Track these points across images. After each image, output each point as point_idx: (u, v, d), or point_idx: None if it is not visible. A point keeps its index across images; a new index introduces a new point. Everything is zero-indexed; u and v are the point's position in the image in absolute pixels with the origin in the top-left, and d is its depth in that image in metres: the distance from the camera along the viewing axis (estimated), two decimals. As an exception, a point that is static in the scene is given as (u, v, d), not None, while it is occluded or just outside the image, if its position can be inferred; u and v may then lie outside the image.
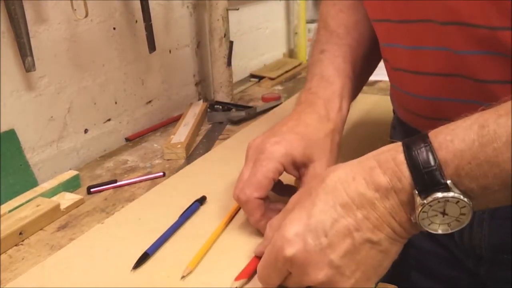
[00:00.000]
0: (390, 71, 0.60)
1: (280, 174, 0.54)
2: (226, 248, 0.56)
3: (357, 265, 0.39)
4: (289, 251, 0.39)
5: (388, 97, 0.73)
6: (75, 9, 0.79)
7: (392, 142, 0.42)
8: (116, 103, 0.93)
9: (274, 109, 1.04)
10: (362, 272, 0.40)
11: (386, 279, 0.52)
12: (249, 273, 0.50)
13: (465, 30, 0.46)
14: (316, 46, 0.65)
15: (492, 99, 0.48)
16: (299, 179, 0.56)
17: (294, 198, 0.45)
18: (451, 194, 0.36)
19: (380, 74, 1.23)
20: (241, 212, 0.63)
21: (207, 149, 0.86)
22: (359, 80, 0.65)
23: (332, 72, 0.60)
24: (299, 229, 0.39)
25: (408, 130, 0.63)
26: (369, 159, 0.41)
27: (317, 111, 0.58)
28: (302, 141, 0.54)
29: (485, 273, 0.60)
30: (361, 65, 0.64)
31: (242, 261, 0.52)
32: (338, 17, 0.65)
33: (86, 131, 0.88)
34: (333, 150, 0.56)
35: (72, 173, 0.74)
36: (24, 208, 0.64)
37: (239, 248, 0.55)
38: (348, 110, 0.61)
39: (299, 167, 0.55)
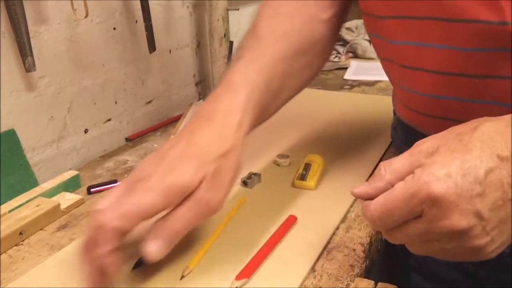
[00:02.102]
0: (393, 69, 0.60)
1: (157, 213, 0.46)
2: (226, 248, 0.56)
3: (498, 222, 0.37)
4: (438, 188, 0.36)
5: (388, 97, 0.73)
6: (75, 9, 0.79)
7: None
8: (116, 103, 0.93)
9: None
10: (500, 232, 0.38)
11: (386, 279, 0.52)
12: (249, 273, 0.50)
13: (472, 27, 0.46)
14: (238, 50, 0.59)
15: (496, 97, 0.48)
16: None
17: (427, 142, 0.41)
18: None
19: (380, 74, 1.23)
20: (241, 212, 0.63)
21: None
22: (274, 96, 0.58)
23: (241, 81, 0.53)
24: (451, 170, 0.37)
25: (409, 130, 0.63)
26: None
27: (212, 128, 0.50)
28: (193, 165, 0.47)
29: (485, 275, 0.60)
30: (280, 81, 0.58)
31: (242, 261, 0.52)
32: (269, 23, 0.60)
33: (86, 131, 0.88)
34: (227, 177, 0.49)
35: (72, 173, 0.74)
36: (24, 208, 0.64)
37: (239, 248, 0.55)
38: (250, 127, 0.53)
39: (181, 195, 0.47)
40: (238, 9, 1.16)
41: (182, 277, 0.51)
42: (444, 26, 0.48)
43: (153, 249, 0.46)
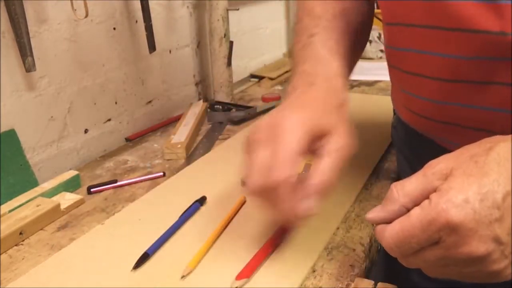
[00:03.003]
0: (395, 73, 0.61)
1: (307, 147, 0.46)
2: (226, 248, 0.56)
3: None
4: (457, 215, 0.35)
5: (388, 97, 0.73)
6: (75, 9, 0.79)
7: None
8: (116, 103, 0.93)
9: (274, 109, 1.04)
10: (502, 249, 0.37)
11: (386, 279, 0.52)
12: (250, 272, 0.50)
13: (473, 37, 0.46)
14: (302, 32, 0.60)
15: (496, 103, 0.48)
16: (312, 153, 0.48)
17: (441, 163, 0.40)
18: None
19: (380, 74, 1.23)
20: (241, 212, 0.63)
21: (207, 149, 0.86)
22: (349, 68, 0.62)
23: (327, 54, 0.56)
24: (469, 196, 0.36)
25: (409, 130, 0.63)
26: None
27: (321, 87, 0.52)
28: (316, 112, 0.48)
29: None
30: (351, 53, 0.61)
31: (242, 261, 0.52)
32: (324, 4, 0.61)
33: (86, 131, 0.88)
34: (347, 122, 0.51)
35: (72, 173, 0.74)
36: (25, 208, 0.64)
37: (239, 248, 0.55)
38: (347, 91, 0.56)
39: (314, 140, 0.48)
40: (238, 9, 1.16)
41: (182, 276, 0.51)
42: (446, 35, 0.48)
43: (315, 205, 0.47)
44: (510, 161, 0.37)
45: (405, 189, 0.40)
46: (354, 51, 0.63)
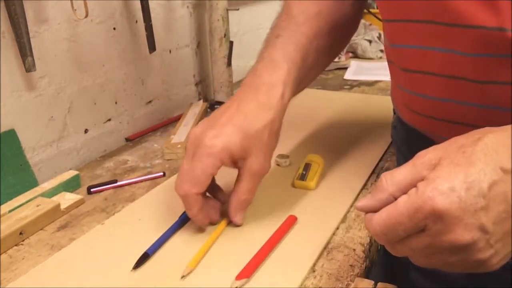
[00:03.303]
0: (396, 71, 0.61)
1: (218, 169, 0.55)
2: (226, 248, 0.56)
3: (503, 235, 0.37)
4: (442, 203, 0.36)
5: (388, 97, 0.73)
6: (75, 9, 0.79)
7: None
8: (116, 103, 0.93)
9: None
10: (504, 244, 0.38)
11: (386, 279, 0.52)
12: (250, 272, 0.50)
13: (471, 33, 0.46)
14: (273, 30, 0.65)
15: (497, 102, 0.48)
16: (238, 170, 0.58)
17: (429, 153, 0.40)
18: None
19: (380, 74, 1.23)
20: (241, 212, 0.63)
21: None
22: (309, 71, 0.65)
23: (280, 58, 0.60)
24: (455, 184, 0.36)
25: (410, 130, 0.63)
26: None
27: (258, 98, 0.58)
28: (240, 133, 0.55)
29: (484, 274, 0.59)
30: (314, 57, 0.64)
31: (242, 261, 0.52)
32: (301, 4, 0.64)
33: (86, 131, 0.88)
34: (270, 143, 0.58)
35: (72, 173, 0.74)
36: (25, 208, 0.64)
37: (239, 248, 0.55)
38: (289, 98, 0.61)
39: (236, 160, 0.56)
40: (238, 9, 1.16)
41: (182, 277, 0.51)
42: (445, 30, 0.48)
43: (240, 218, 0.59)
44: (497, 151, 0.37)
45: (394, 178, 0.40)
46: (322, 55, 0.66)
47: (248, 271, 0.50)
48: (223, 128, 0.55)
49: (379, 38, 1.42)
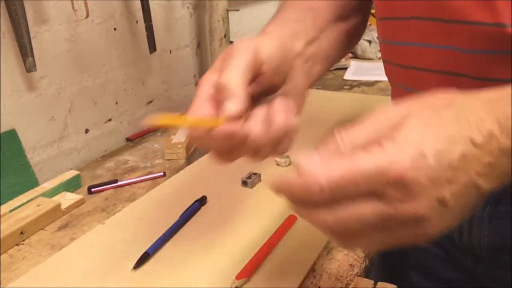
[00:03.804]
0: (393, 70, 0.61)
1: (258, 68, 0.45)
2: (226, 248, 0.56)
3: (455, 209, 0.34)
4: (411, 170, 0.32)
5: (388, 97, 0.73)
6: (76, 10, 0.79)
7: None
8: (116, 103, 0.93)
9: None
10: (452, 217, 0.35)
11: (386, 279, 0.52)
12: (249, 272, 0.50)
13: (469, 29, 0.46)
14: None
15: None
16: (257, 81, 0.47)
17: (394, 112, 0.36)
18: None
19: (380, 74, 1.23)
20: (242, 212, 0.63)
21: (208, 149, 0.86)
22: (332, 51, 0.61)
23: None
24: (425, 150, 0.32)
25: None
26: (501, 101, 0.36)
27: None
28: (279, 48, 0.48)
29: (484, 274, 0.60)
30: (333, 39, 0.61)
31: (242, 261, 0.52)
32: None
33: (86, 131, 0.88)
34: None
35: (73, 173, 0.74)
36: (25, 208, 0.64)
37: (239, 248, 0.55)
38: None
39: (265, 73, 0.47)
40: (238, 10, 1.16)
41: None
42: (444, 27, 0.49)
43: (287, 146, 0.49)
44: (468, 120, 0.35)
45: (350, 136, 0.35)
46: (338, 39, 0.62)
47: (248, 271, 0.51)
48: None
49: (378, 38, 1.42)
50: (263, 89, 0.47)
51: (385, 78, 0.65)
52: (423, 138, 0.33)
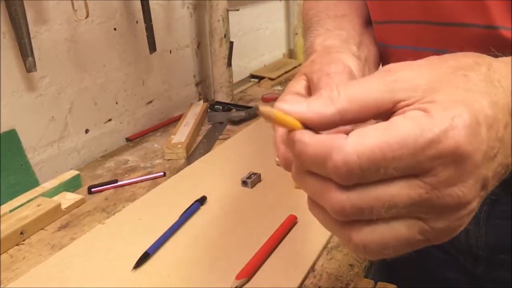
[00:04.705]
0: None
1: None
2: (226, 248, 0.56)
3: (485, 195, 0.28)
4: (470, 142, 0.24)
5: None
6: (76, 10, 0.79)
7: None
8: (116, 103, 0.93)
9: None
10: (481, 197, 0.27)
11: (386, 279, 0.52)
12: (249, 272, 0.51)
13: (461, 31, 0.46)
14: (327, 10, 0.56)
15: None
16: None
17: (406, 69, 0.29)
18: None
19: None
20: (242, 212, 0.63)
21: (208, 149, 0.86)
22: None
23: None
24: (479, 117, 0.25)
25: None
26: None
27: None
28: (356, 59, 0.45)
29: (483, 274, 0.60)
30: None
31: (242, 261, 0.52)
32: None
33: (87, 131, 0.88)
34: None
35: (73, 173, 0.75)
36: (25, 207, 0.64)
37: (239, 248, 0.55)
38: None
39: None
40: (238, 10, 1.16)
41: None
42: (438, 30, 0.49)
43: None
44: (503, 86, 0.28)
45: (350, 91, 0.26)
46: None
47: (248, 271, 0.51)
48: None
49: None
50: None
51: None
52: (471, 101, 0.25)
